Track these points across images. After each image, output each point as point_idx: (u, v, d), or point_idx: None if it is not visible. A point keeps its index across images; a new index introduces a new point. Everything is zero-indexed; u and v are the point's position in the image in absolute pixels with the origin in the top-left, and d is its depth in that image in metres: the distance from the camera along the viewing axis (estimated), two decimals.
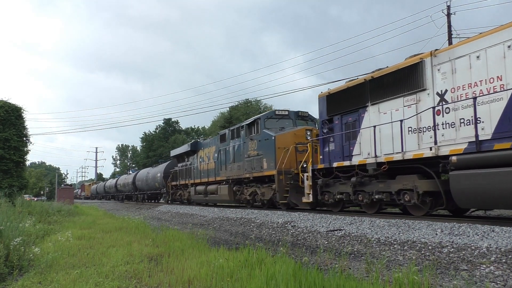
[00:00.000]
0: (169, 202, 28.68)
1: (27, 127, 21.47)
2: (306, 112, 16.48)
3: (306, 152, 13.65)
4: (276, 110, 16.24)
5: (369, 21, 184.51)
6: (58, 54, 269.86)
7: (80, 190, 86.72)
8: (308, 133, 14.55)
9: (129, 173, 48.52)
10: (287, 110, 16.17)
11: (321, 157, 12.52)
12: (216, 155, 20.09)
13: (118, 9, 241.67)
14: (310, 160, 12.89)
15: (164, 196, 30.52)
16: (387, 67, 10.59)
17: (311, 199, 12.52)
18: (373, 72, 10.99)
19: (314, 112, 18.86)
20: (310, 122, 16.30)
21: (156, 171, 32.39)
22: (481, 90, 8.01)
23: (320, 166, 12.34)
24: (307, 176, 12.74)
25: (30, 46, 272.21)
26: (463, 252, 5.98)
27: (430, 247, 6.53)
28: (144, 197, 36.98)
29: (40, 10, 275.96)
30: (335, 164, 11.66)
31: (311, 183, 12.49)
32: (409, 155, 9.33)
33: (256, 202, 16.55)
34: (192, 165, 24.08)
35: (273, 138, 14.68)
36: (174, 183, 27.17)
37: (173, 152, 28.71)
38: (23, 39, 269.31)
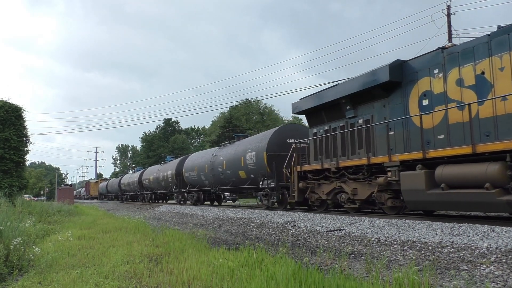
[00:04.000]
0: (270, 207, 15.95)
1: (27, 127, 21.52)
2: None
3: None
4: None
5: (371, 16, 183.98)
6: (54, 53, 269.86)
7: (83, 189, 78.67)
8: None
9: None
10: None
11: None
12: None
13: (113, 6, 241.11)
14: None
15: (267, 195, 15.89)
16: None
17: None
18: None
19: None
20: None
21: (238, 151, 18.06)
22: None
23: None
24: None
25: (25, 44, 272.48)
26: (463, 252, 5.98)
27: (430, 247, 6.53)
28: (201, 197, 23.48)
29: (34, 8, 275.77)
30: None
31: None
32: None
33: None
34: (376, 123, 10.83)
35: None
36: (307, 167, 13.24)
37: (307, 103, 13.47)
38: (18, 38, 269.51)
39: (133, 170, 50.10)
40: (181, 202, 26.36)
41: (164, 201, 33.17)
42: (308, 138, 14.20)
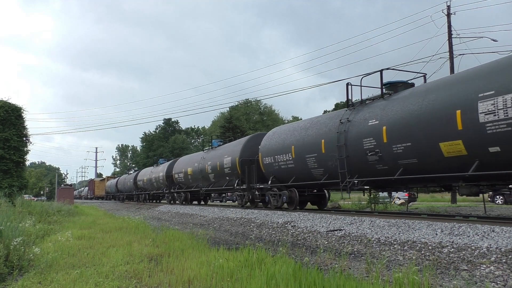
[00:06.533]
0: None
1: (27, 127, 21.51)
2: None
3: None
4: None
5: (372, 14, 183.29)
6: (52, 52, 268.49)
7: (86, 188, 72.84)
8: None
9: (209, 147, 22.04)
10: None
11: None
12: None
13: (110, 4, 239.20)
14: None
15: None
16: None
17: None
18: None
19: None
20: None
21: (438, 101, 8.56)
22: None
23: None
24: None
25: (22, 43, 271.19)
26: (463, 252, 5.98)
27: (430, 247, 6.53)
28: (296, 198, 13.85)
29: (29, 7, 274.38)
30: None
31: None
32: None
33: None
34: None
35: None
36: None
37: None
38: (14, 36, 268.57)
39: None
40: (247, 203, 16.88)
41: (203, 202, 24.21)
42: None
